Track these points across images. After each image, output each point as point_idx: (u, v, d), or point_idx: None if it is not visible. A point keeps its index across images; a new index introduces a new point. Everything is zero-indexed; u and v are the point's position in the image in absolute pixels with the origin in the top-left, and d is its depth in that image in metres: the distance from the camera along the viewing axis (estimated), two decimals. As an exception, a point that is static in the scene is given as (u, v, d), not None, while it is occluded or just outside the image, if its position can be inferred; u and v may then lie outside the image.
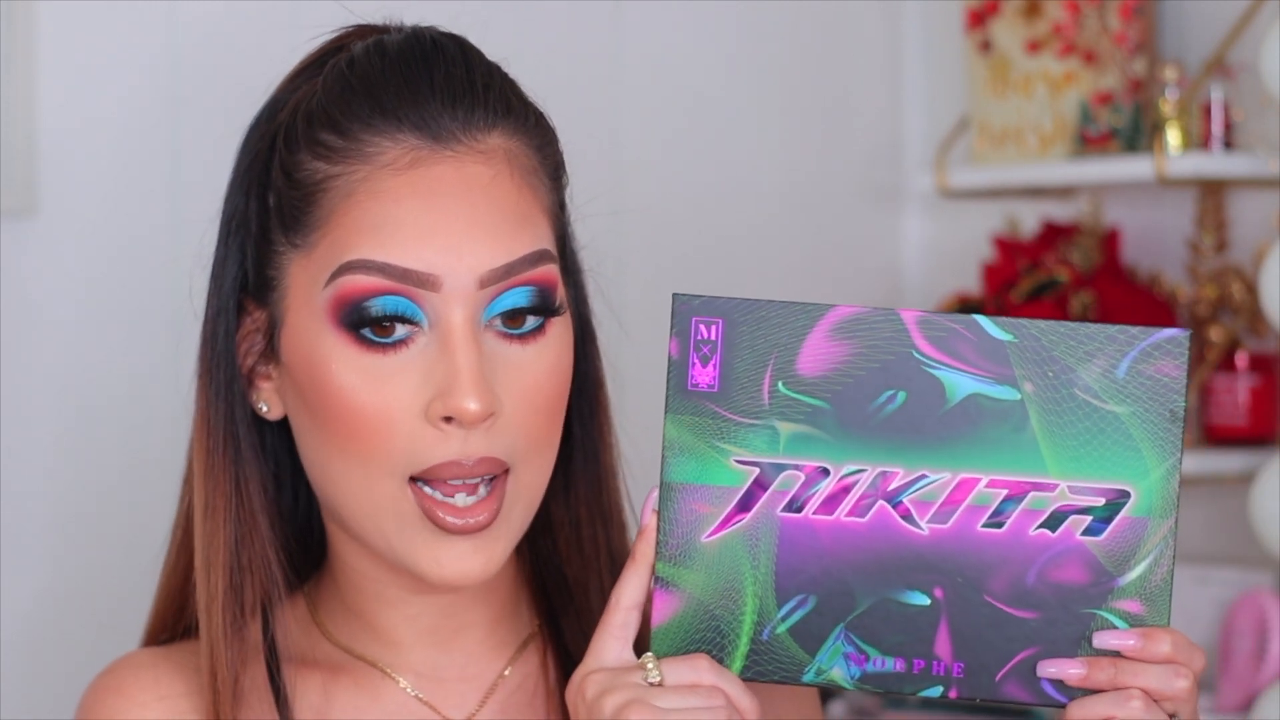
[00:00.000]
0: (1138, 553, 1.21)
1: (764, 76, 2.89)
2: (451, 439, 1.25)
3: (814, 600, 1.22)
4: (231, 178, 1.33)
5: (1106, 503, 1.21)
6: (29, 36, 2.20)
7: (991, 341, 1.21)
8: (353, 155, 1.26)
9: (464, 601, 1.34)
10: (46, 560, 2.23)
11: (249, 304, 1.32)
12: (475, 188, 1.27)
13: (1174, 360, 1.22)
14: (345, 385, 1.25)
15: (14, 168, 2.19)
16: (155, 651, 1.35)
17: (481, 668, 1.35)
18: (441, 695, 1.34)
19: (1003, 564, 1.21)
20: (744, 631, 1.23)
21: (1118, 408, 1.21)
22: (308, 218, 1.27)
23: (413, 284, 1.25)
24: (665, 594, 1.23)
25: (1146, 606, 1.21)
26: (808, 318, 1.22)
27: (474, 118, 1.28)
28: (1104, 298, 2.74)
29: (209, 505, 1.31)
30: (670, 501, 1.23)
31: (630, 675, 1.21)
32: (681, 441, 1.23)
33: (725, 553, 1.22)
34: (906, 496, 1.21)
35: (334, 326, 1.26)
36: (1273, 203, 2.60)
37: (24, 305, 2.21)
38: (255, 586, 1.31)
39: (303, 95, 1.30)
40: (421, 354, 1.25)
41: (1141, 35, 2.71)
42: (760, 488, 1.22)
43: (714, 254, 2.82)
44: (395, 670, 1.34)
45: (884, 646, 1.22)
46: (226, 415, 1.32)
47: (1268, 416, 2.62)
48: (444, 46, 1.30)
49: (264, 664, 1.32)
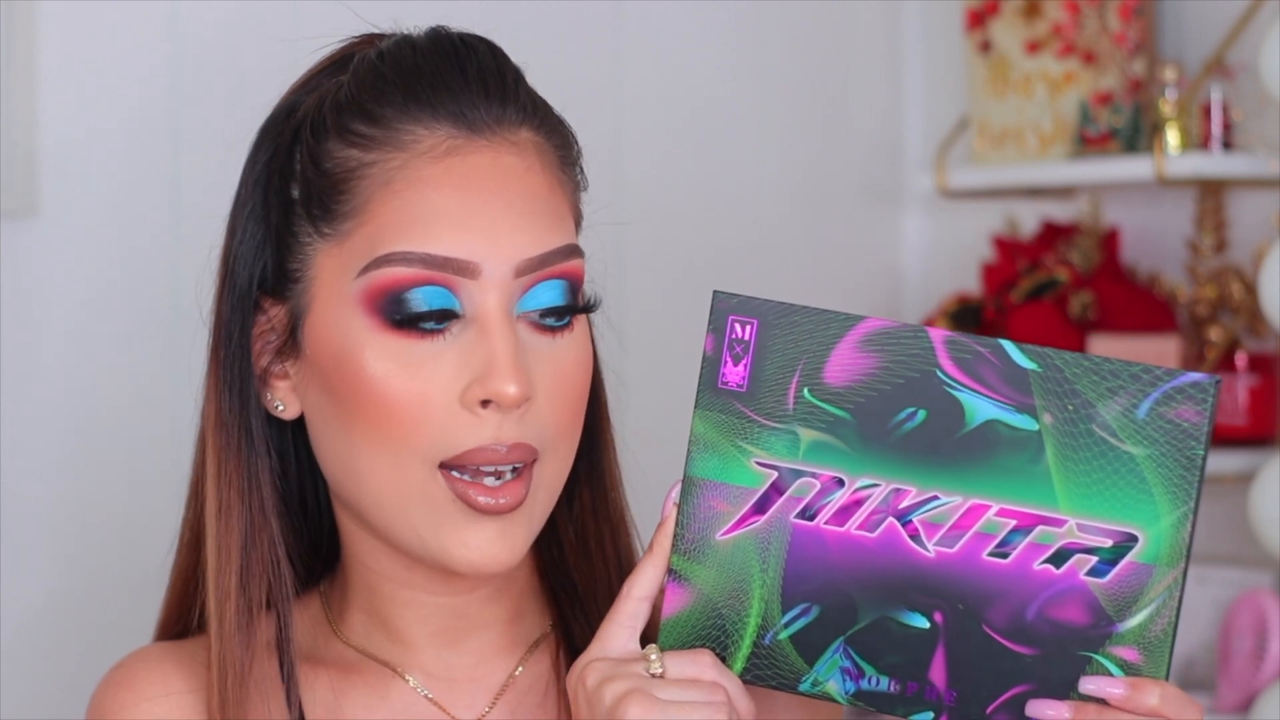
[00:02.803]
0: (1140, 600, 1.18)
1: (764, 77, 2.90)
2: (486, 425, 1.25)
3: (817, 610, 1.21)
4: (244, 177, 1.33)
5: (1114, 545, 1.18)
6: (30, 39, 2.20)
7: (1016, 369, 1.19)
8: (389, 143, 1.27)
9: (477, 602, 1.34)
10: (46, 559, 2.23)
11: (264, 302, 1.32)
12: (510, 177, 1.27)
13: (1197, 406, 1.17)
14: (378, 373, 1.25)
15: (14, 168, 2.19)
16: (165, 647, 1.35)
17: (493, 668, 1.35)
18: (452, 695, 1.34)
19: (1004, 596, 1.19)
20: (747, 633, 1.22)
21: (1135, 449, 1.18)
22: (341, 206, 1.27)
23: (452, 272, 1.25)
24: (677, 587, 1.23)
25: (1144, 656, 1.18)
26: (839, 327, 1.20)
27: (507, 111, 1.29)
28: (1103, 298, 2.75)
29: (222, 505, 1.31)
30: (691, 496, 1.22)
31: (633, 665, 1.21)
32: (707, 437, 1.22)
33: (737, 553, 1.22)
34: (916, 516, 1.20)
35: (368, 314, 1.26)
36: (1272, 203, 2.60)
37: (24, 305, 2.21)
38: (263, 585, 1.31)
39: (326, 91, 1.30)
40: (457, 340, 1.26)
41: (1141, 35, 2.71)
42: (777, 491, 1.22)
43: (714, 254, 2.82)
44: (406, 670, 1.34)
45: (880, 665, 1.21)
46: (240, 414, 1.32)
47: (1267, 416, 2.63)
48: (472, 43, 1.31)
49: (275, 662, 1.32)
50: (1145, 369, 1.18)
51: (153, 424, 2.30)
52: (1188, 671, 2.66)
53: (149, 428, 2.29)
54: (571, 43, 2.67)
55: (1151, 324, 2.71)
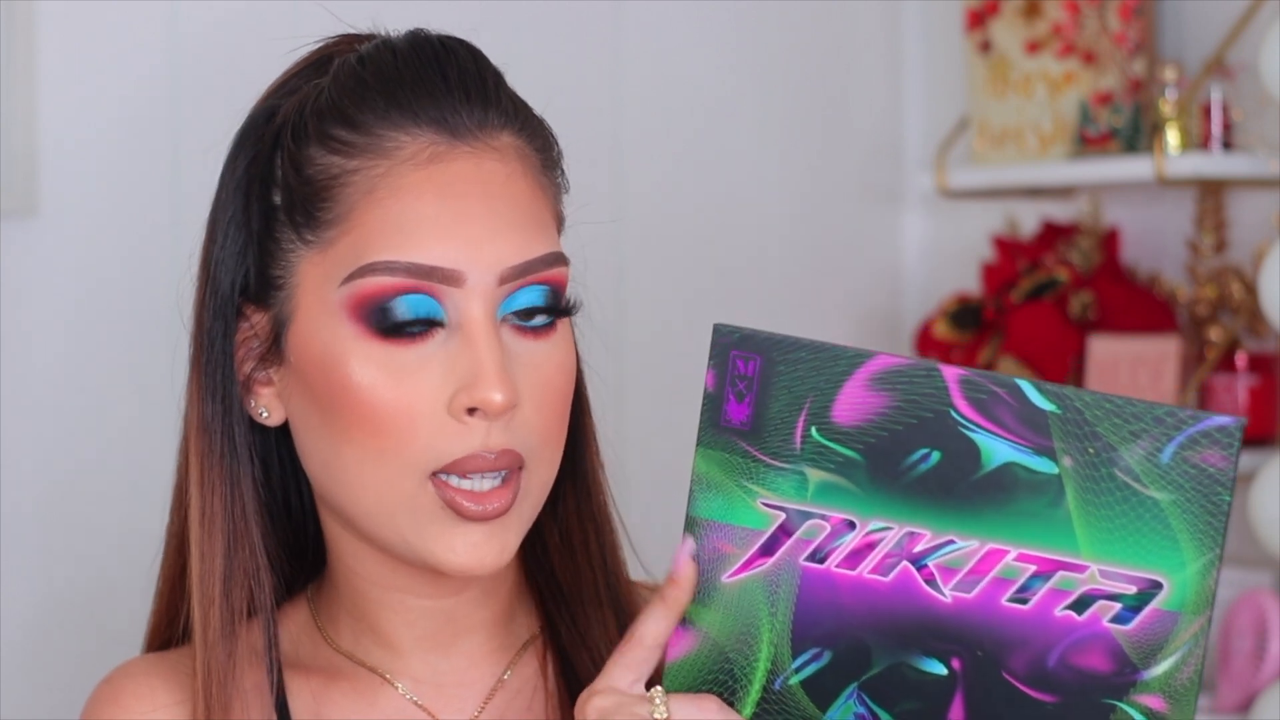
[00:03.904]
0: (1165, 647, 1.15)
1: (764, 77, 2.90)
2: (474, 432, 1.25)
3: (829, 655, 1.18)
4: (222, 183, 1.32)
5: (1138, 591, 1.15)
6: (30, 39, 2.20)
7: (1034, 410, 1.15)
8: (371, 150, 1.26)
9: (465, 606, 1.34)
10: (46, 559, 2.23)
11: (247, 308, 1.31)
12: (493, 183, 1.27)
13: (1223, 450, 1.14)
14: (364, 382, 1.25)
15: (14, 168, 2.19)
16: (151, 660, 1.35)
17: (481, 672, 1.35)
18: (441, 701, 1.34)
19: (1024, 642, 1.16)
20: (756, 678, 1.19)
21: (1159, 494, 1.14)
22: (324, 214, 1.27)
23: (437, 280, 1.24)
24: (682, 630, 1.20)
25: (1170, 704, 1.15)
26: (848, 364, 1.16)
27: (488, 115, 1.28)
28: (1103, 298, 2.75)
29: (205, 512, 1.31)
30: (694, 537, 1.19)
31: (637, 705, 1.19)
32: (710, 477, 1.18)
33: (745, 596, 1.19)
34: (932, 560, 1.17)
35: (352, 322, 1.25)
36: (1272, 203, 2.60)
37: (24, 305, 2.21)
38: (245, 592, 1.31)
39: (306, 95, 1.29)
40: (442, 348, 1.25)
41: (1141, 35, 2.71)
42: (785, 534, 1.18)
43: (714, 253, 2.82)
44: (394, 675, 1.34)
45: (896, 712, 1.18)
46: (223, 421, 1.31)
47: (1267, 416, 2.63)
48: (452, 47, 1.30)
49: (261, 669, 1.32)
50: (1170, 412, 1.14)
51: (152, 424, 2.30)
52: (1188, 671, 2.66)
53: (149, 428, 2.29)
54: (571, 43, 2.67)
55: (1151, 324, 2.71)
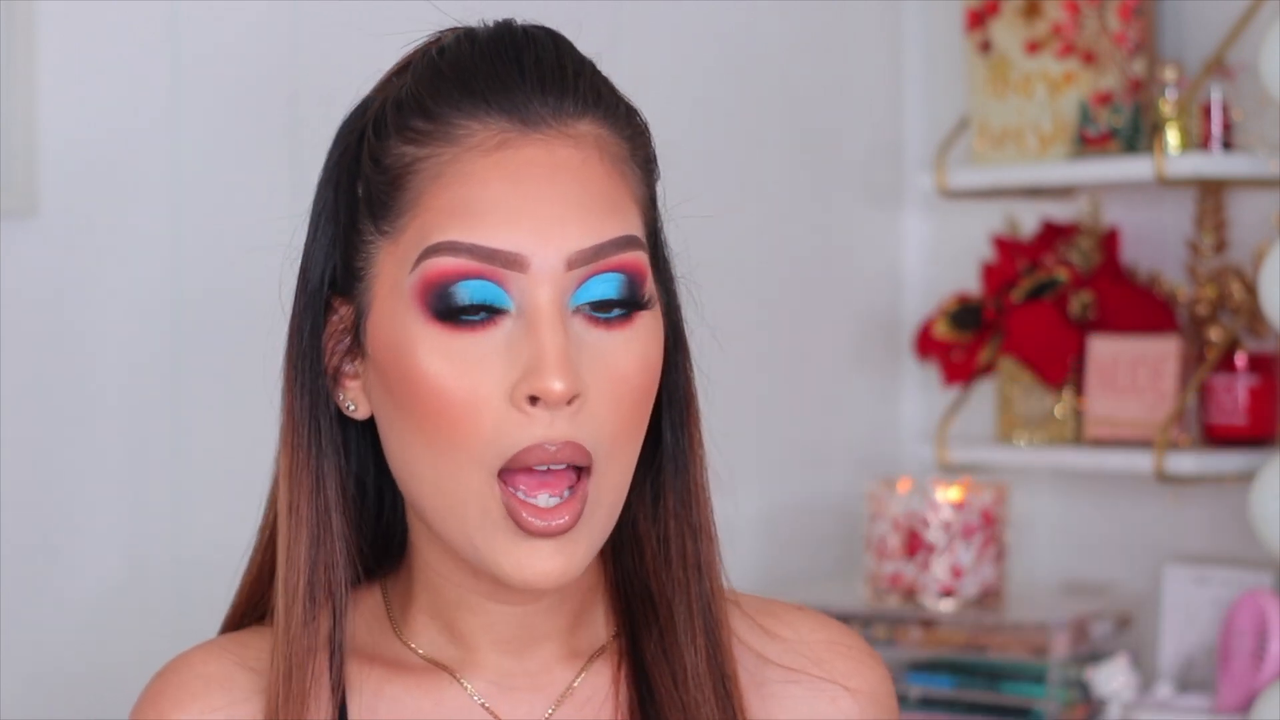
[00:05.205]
0: None
1: (764, 76, 2.90)
2: (536, 422, 1.23)
3: None
4: (321, 175, 1.33)
5: None
6: (30, 39, 2.20)
7: None
8: (440, 138, 1.26)
9: (541, 611, 1.32)
10: (45, 559, 2.23)
11: (336, 301, 1.31)
12: (564, 170, 1.26)
13: None
14: (431, 370, 1.25)
15: (14, 168, 2.19)
16: (210, 655, 1.34)
17: (552, 677, 1.33)
18: (509, 704, 1.32)
19: None
20: None
21: None
22: (396, 203, 1.27)
23: (500, 264, 1.24)
24: None
25: None
26: None
27: (564, 104, 1.28)
28: (1103, 298, 2.75)
29: (292, 505, 1.31)
30: None
31: None
32: None
33: None
34: None
35: (419, 309, 1.25)
36: (1272, 203, 2.60)
37: (24, 305, 2.21)
38: (326, 587, 1.31)
39: (393, 88, 1.30)
40: (507, 337, 1.24)
41: (1141, 35, 2.71)
42: None
43: (713, 253, 2.82)
44: (463, 675, 1.33)
45: None
46: (311, 414, 1.31)
47: (1267, 416, 2.63)
48: (535, 35, 1.31)
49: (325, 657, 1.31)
50: None
51: (152, 424, 2.30)
52: (1188, 671, 2.66)
53: (148, 428, 2.29)
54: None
55: (1151, 324, 2.71)
